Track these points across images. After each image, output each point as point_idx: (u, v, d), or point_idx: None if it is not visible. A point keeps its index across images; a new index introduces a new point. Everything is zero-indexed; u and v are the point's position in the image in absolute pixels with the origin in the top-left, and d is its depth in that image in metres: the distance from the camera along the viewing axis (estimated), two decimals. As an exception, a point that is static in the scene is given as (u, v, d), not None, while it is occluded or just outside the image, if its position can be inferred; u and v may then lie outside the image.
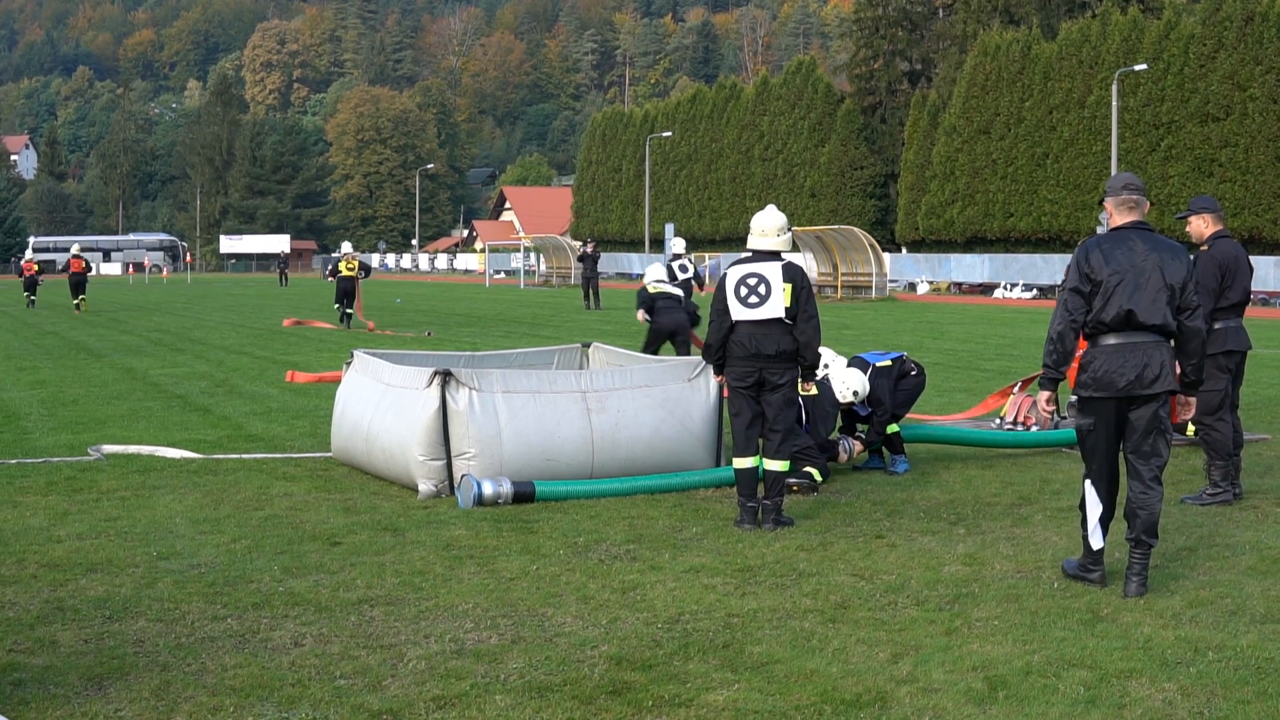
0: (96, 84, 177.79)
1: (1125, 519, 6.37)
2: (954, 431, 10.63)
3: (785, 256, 8.06)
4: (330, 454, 10.26)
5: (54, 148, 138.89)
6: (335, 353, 20.23)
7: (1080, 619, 5.82)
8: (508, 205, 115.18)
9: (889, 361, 9.89)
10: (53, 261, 75.95)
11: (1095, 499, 6.40)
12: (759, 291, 7.86)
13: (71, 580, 6.50)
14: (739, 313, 7.89)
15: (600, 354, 11.23)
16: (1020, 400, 11.67)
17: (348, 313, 28.09)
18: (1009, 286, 50.12)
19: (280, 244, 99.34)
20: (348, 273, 28.03)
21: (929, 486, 9.12)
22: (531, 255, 68.63)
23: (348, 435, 9.74)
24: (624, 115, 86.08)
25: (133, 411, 13.43)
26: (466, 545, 7.28)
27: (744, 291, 7.90)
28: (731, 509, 8.22)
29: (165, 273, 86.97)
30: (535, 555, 7.05)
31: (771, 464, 7.94)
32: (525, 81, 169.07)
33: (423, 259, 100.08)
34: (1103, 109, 50.85)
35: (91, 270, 38.47)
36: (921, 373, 10.14)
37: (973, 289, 53.04)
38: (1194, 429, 9.33)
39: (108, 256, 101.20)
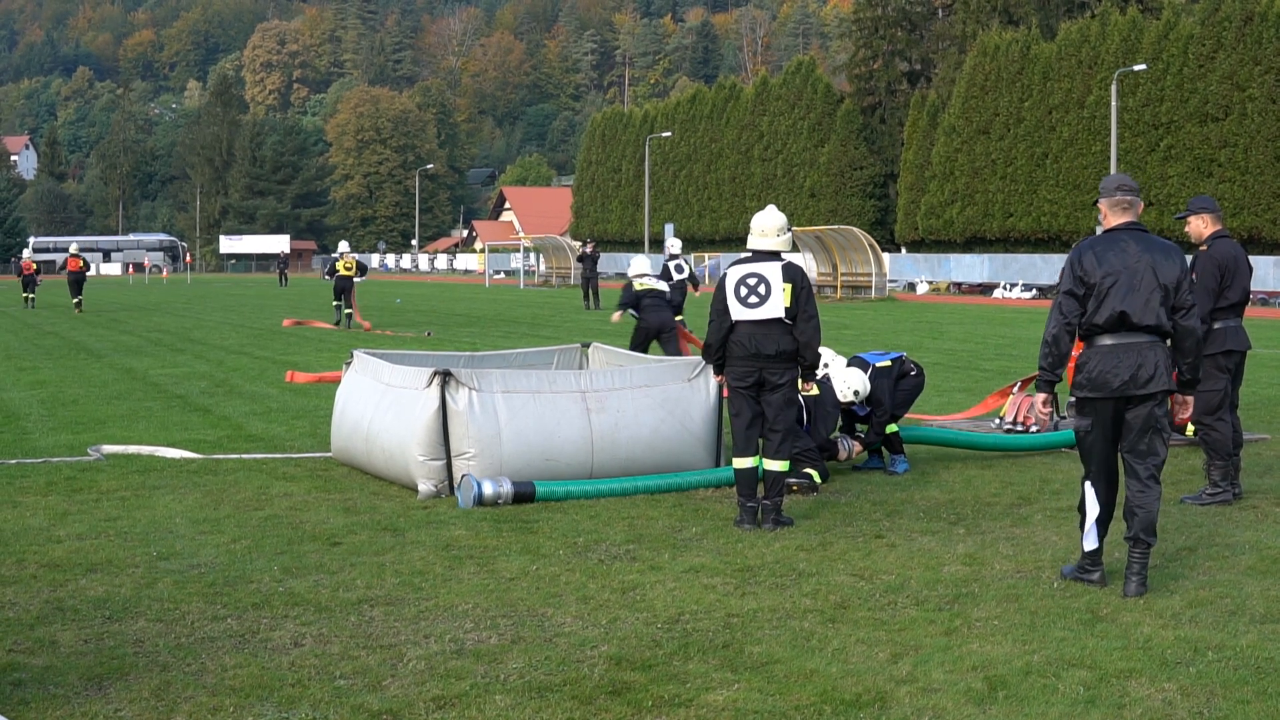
0: (96, 84, 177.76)
1: (1124, 518, 6.38)
2: (952, 434, 10.62)
3: (785, 256, 8.07)
4: (330, 454, 10.26)
5: (54, 148, 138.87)
6: (335, 353, 20.24)
7: (1080, 619, 5.83)
8: (507, 205, 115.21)
9: (889, 362, 9.89)
10: (52, 262, 76.03)
11: (1094, 499, 6.41)
12: (759, 291, 7.87)
13: (71, 580, 6.50)
14: (739, 313, 7.90)
15: (600, 354, 11.23)
16: (1020, 400, 11.67)
17: (347, 313, 28.23)
18: (1008, 286, 50.14)
19: (280, 244, 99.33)
20: (345, 272, 28.25)
21: (929, 486, 9.12)
22: (531, 255, 68.65)
23: (348, 435, 9.74)
24: (624, 115, 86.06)
25: (133, 411, 13.44)
26: (466, 545, 7.28)
27: (744, 291, 7.90)
28: (731, 509, 8.23)
29: (165, 273, 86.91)
30: (535, 555, 7.05)
31: (771, 464, 7.95)
32: (525, 82, 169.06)
33: (422, 259, 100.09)
34: (1102, 109, 50.86)
35: (90, 269, 38.47)
36: (921, 373, 10.14)
37: (972, 289, 53.06)
38: (1193, 429, 9.33)
39: (108, 257, 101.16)
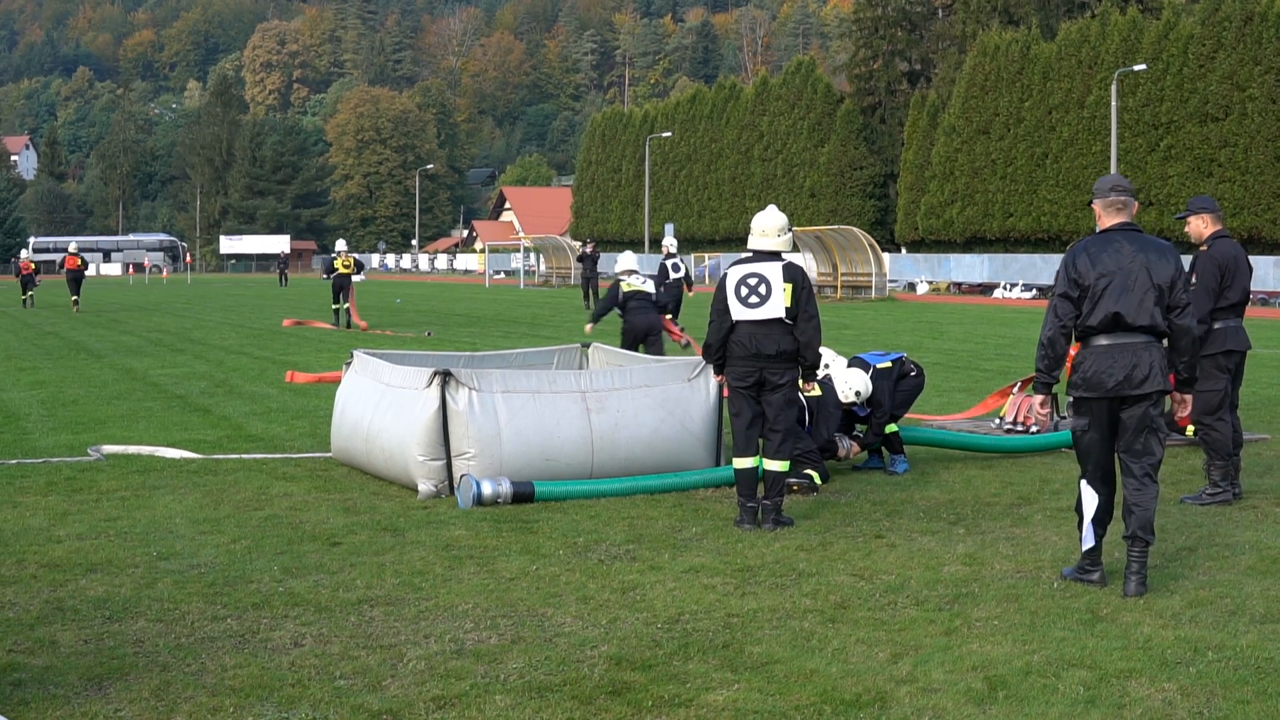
0: (96, 84, 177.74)
1: (1122, 517, 6.38)
2: (952, 435, 10.62)
3: (786, 257, 8.07)
4: (330, 454, 10.26)
5: (54, 148, 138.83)
6: (335, 353, 20.24)
7: (1080, 619, 5.83)
8: (507, 205, 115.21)
9: (889, 363, 9.89)
10: (52, 262, 76.01)
11: (1091, 499, 6.41)
12: (759, 291, 7.87)
13: (71, 580, 6.50)
14: (739, 313, 7.90)
15: (600, 354, 11.23)
16: (1020, 400, 11.67)
17: (345, 307, 28.22)
18: (1008, 286, 50.13)
19: (280, 244, 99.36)
20: (344, 270, 28.25)
21: (929, 486, 9.12)
22: (531, 255, 68.65)
23: (347, 435, 9.74)
24: (624, 115, 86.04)
25: (133, 412, 13.44)
26: (466, 545, 7.28)
27: (744, 291, 7.90)
28: (731, 509, 8.23)
29: (165, 273, 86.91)
30: (535, 555, 7.05)
31: (771, 464, 7.95)
32: (525, 82, 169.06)
33: (422, 259, 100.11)
34: (1102, 109, 50.85)
35: (88, 268, 38.47)
36: (921, 373, 10.14)
37: (972, 289, 53.06)
38: (1194, 429, 9.33)
39: (108, 257, 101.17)
